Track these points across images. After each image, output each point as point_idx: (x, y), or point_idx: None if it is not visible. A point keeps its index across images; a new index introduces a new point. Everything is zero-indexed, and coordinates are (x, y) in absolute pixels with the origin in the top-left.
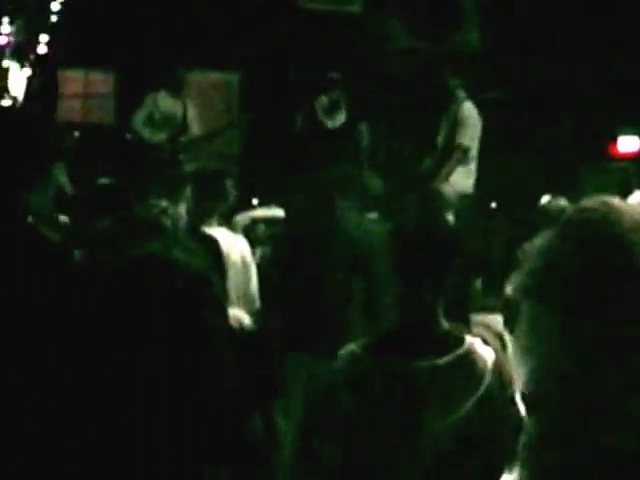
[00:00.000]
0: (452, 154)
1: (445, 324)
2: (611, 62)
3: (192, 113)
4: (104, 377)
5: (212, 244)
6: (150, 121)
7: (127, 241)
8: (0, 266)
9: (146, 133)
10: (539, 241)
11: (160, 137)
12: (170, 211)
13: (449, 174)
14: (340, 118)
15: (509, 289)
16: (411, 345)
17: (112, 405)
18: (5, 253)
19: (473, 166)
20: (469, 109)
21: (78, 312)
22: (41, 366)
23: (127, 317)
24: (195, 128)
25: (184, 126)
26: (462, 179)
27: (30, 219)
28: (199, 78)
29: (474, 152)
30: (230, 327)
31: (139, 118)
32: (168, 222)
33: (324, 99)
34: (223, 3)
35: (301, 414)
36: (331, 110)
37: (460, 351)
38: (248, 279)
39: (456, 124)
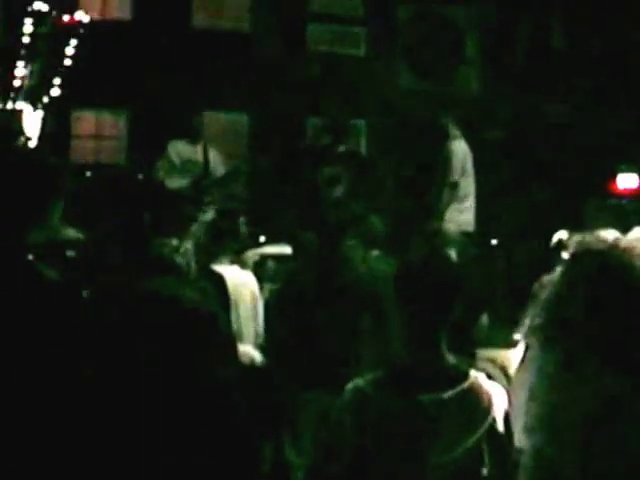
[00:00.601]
0: (442, 192)
1: (450, 359)
2: (612, 101)
3: (215, 157)
4: (107, 417)
5: (219, 281)
6: (171, 169)
7: (139, 279)
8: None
9: (167, 181)
10: (554, 278)
11: (181, 183)
12: (182, 249)
13: (444, 211)
14: (339, 190)
15: (521, 331)
16: (416, 380)
17: (118, 441)
18: (3, 292)
19: (469, 203)
20: (457, 145)
21: (81, 349)
22: (47, 410)
23: (133, 353)
24: (220, 171)
25: (205, 171)
26: (457, 216)
27: (30, 257)
28: (207, 119)
29: (470, 189)
30: (240, 363)
31: (160, 167)
32: (180, 260)
33: (325, 172)
34: (232, 46)
35: (312, 449)
36: (331, 183)
37: (464, 385)
38: (256, 315)
39: (444, 160)
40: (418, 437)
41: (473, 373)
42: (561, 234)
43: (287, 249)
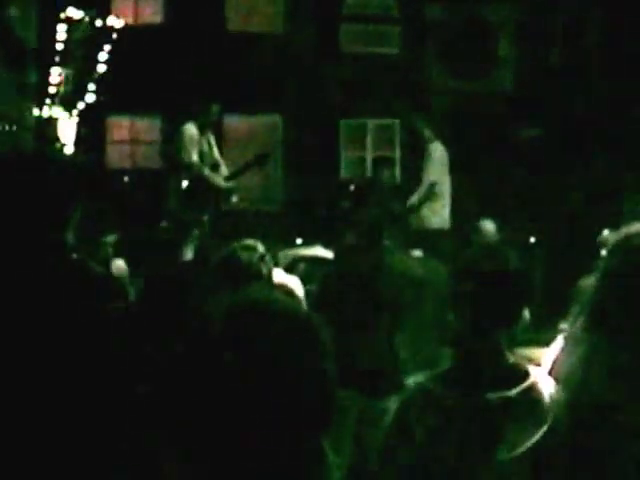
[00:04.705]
0: (420, 191)
1: (510, 356)
2: None
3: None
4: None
5: None
6: (200, 155)
7: (226, 284)
8: (54, 301)
9: (205, 169)
10: (596, 279)
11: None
12: (267, 257)
13: (414, 208)
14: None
15: (565, 325)
16: (479, 377)
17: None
18: (56, 289)
19: (445, 201)
20: (435, 147)
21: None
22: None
23: (247, 359)
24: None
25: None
26: (433, 215)
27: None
28: (242, 122)
29: (445, 187)
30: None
31: (190, 152)
32: (264, 268)
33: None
34: (265, 48)
35: (350, 450)
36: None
37: (528, 382)
38: None
39: (424, 162)
40: (485, 435)
41: (533, 370)
42: (605, 234)
43: (320, 251)
